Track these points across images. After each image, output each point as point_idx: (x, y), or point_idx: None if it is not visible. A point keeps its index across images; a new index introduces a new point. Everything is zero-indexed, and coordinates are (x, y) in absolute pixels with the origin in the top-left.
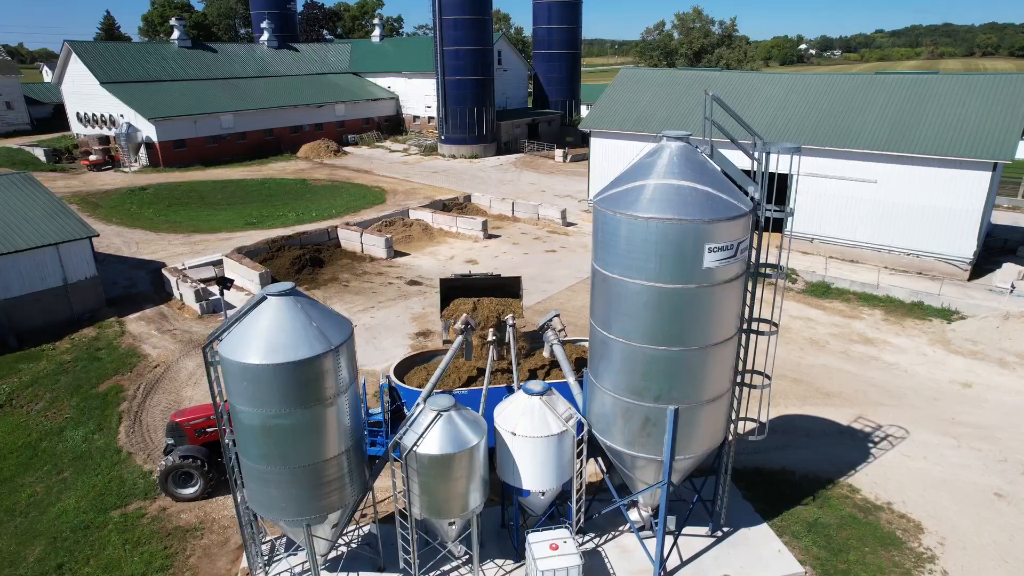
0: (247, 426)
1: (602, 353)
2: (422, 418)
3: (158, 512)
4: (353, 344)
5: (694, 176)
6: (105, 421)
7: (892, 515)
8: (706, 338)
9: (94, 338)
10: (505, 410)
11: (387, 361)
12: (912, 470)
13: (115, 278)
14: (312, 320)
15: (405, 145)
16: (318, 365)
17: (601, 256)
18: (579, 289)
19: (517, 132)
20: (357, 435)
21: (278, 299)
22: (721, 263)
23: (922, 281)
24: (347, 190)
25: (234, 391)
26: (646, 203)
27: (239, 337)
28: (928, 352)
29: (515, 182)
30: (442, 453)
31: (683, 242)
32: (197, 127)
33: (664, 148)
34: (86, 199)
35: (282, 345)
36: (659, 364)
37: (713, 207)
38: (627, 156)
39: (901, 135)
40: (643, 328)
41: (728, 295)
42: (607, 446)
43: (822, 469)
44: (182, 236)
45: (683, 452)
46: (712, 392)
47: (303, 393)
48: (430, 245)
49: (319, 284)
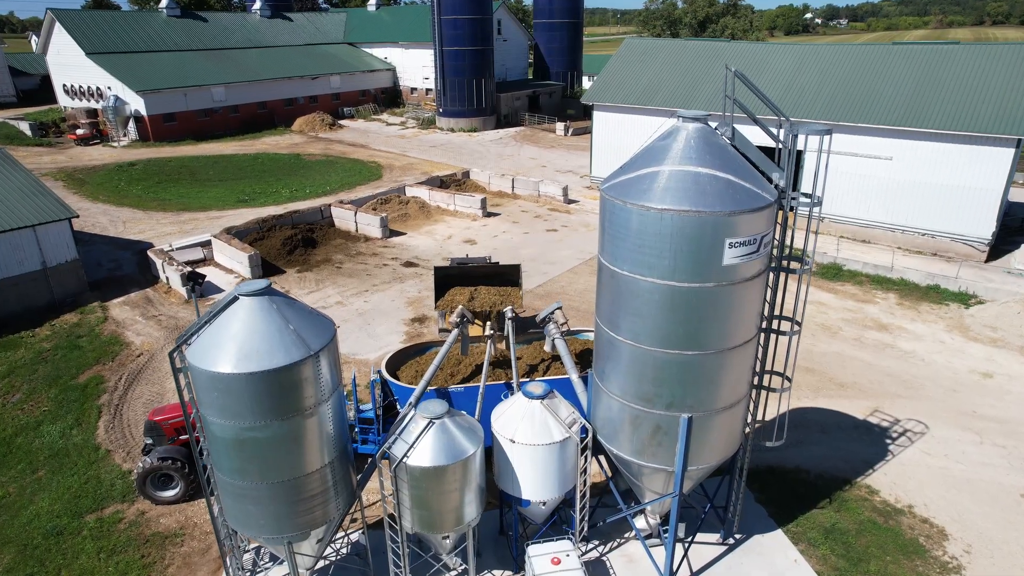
0: (219, 438)
1: (608, 354)
2: (413, 426)
3: (136, 516)
4: (336, 347)
5: (713, 162)
6: (84, 415)
7: (914, 519)
8: (724, 341)
9: (75, 324)
10: (503, 414)
11: (381, 349)
12: (933, 469)
13: (100, 259)
14: (289, 322)
15: (402, 118)
16: (296, 373)
17: (609, 250)
18: (581, 271)
19: (517, 104)
20: (342, 444)
21: (251, 299)
22: (743, 259)
23: (937, 263)
24: (342, 165)
25: (204, 401)
26: (660, 192)
27: (208, 342)
28: (946, 339)
29: (515, 156)
30: (434, 465)
31: (701, 236)
32: (188, 100)
33: (680, 130)
34: (72, 175)
35: (255, 351)
36: (672, 369)
37: (735, 197)
38: (631, 130)
39: (918, 109)
40: (655, 330)
41: (749, 294)
42: (613, 454)
43: (838, 468)
44: (171, 215)
45: (696, 462)
46: (729, 399)
47: (280, 404)
48: (427, 224)
49: (311, 266)
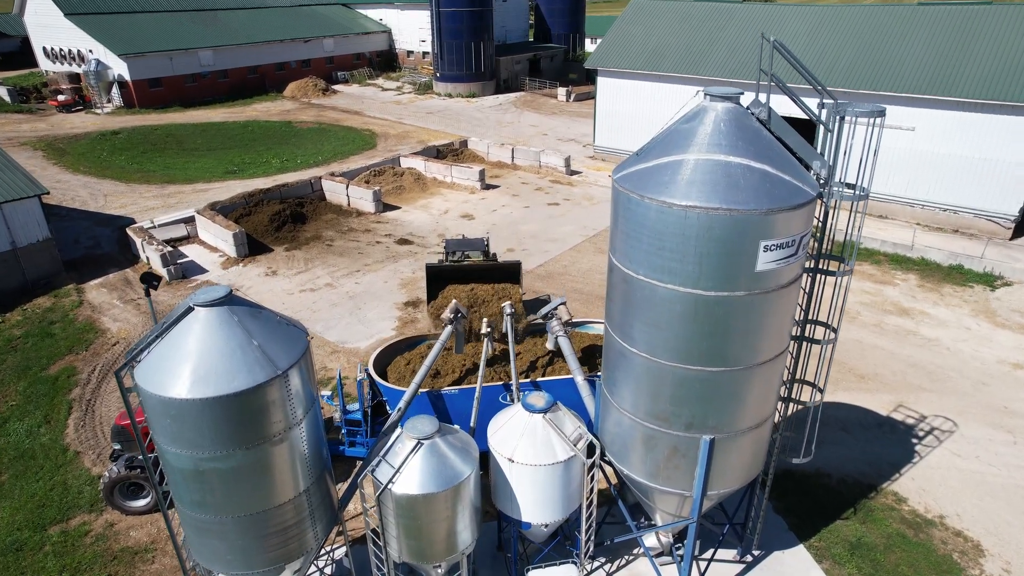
0: (175, 468)
1: (619, 365)
2: (399, 447)
3: (104, 529)
4: (309, 360)
5: (748, 149)
6: (53, 411)
7: (946, 532)
8: (753, 356)
9: (48, 309)
10: (501, 428)
11: (372, 337)
12: (964, 473)
13: (77, 236)
14: (253, 337)
15: (398, 83)
16: (261, 396)
17: (621, 248)
18: (584, 249)
19: (517, 68)
20: (321, 467)
21: (208, 311)
22: (779, 264)
23: (960, 240)
24: (335, 133)
25: (156, 427)
26: (684, 186)
27: (159, 361)
28: (971, 325)
29: (515, 124)
30: (423, 493)
31: (732, 238)
32: (173, 64)
33: (707, 111)
34: (53, 144)
35: (213, 372)
36: (692, 387)
37: (772, 192)
38: (637, 97)
39: (945, 76)
40: (674, 343)
41: (783, 302)
42: (624, 474)
43: (861, 471)
44: (155, 188)
45: (717, 487)
46: (755, 418)
47: (243, 431)
48: (423, 197)
49: (300, 243)
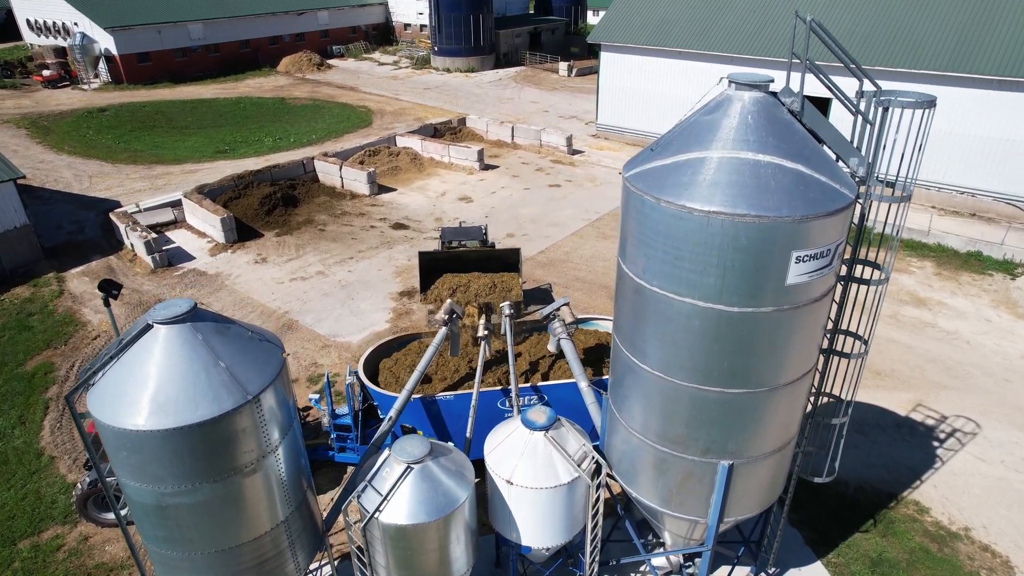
0: (136, 503)
1: (628, 381)
2: (386, 471)
3: (78, 543)
4: (286, 377)
5: (778, 146)
6: (29, 412)
7: (973, 547)
8: (778, 376)
9: (27, 299)
10: (499, 446)
11: (365, 330)
12: (989, 480)
13: (60, 221)
14: (219, 358)
15: (395, 57)
16: (229, 425)
17: (632, 254)
18: (587, 234)
19: (517, 42)
20: (302, 492)
21: (169, 329)
22: (812, 276)
23: (978, 225)
24: (330, 110)
25: (114, 459)
26: (707, 188)
27: (114, 386)
28: (992, 317)
29: (515, 100)
30: (413, 524)
31: (761, 249)
32: (162, 38)
33: (732, 101)
34: (37, 122)
35: (174, 400)
36: (711, 409)
37: (807, 196)
38: (642, 74)
39: (968, 53)
40: (691, 362)
41: (814, 317)
42: (632, 496)
43: (880, 478)
44: (142, 168)
45: (734, 513)
46: (779, 441)
47: (210, 463)
48: (419, 178)
49: (292, 228)
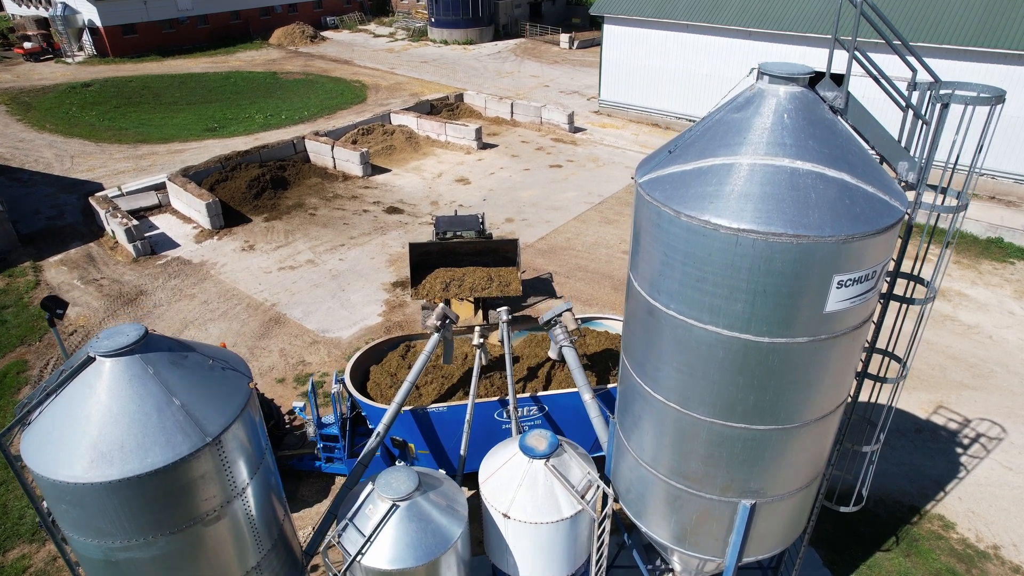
0: (83, 557)
1: (637, 408)
2: (369, 508)
3: (46, 563)
4: (255, 406)
5: (819, 151)
6: None
7: (1003, 568)
8: (809, 411)
9: (1, 291)
10: (495, 475)
11: (356, 324)
12: (1017, 491)
13: (39, 206)
14: (174, 394)
15: (391, 29)
16: (185, 472)
17: (645, 272)
18: (589, 219)
19: (517, 13)
20: (276, 532)
21: (115, 362)
22: (854, 302)
23: (998, 209)
24: (323, 85)
25: (55, 510)
26: (735, 200)
27: (50, 429)
28: (1015, 309)
29: (515, 74)
30: (400, 568)
31: (799, 272)
32: (148, 8)
33: (766, 97)
34: (17, 98)
35: (119, 446)
36: (732, 447)
37: (853, 211)
38: (647, 48)
39: (993, 26)
40: (712, 395)
41: (852, 346)
42: (642, 531)
43: (902, 489)
44: (127, 148)
45: (754, 552)
46: (806, 478)
47: (165, 515)
48: (415, 158)
49: (281, 212)
